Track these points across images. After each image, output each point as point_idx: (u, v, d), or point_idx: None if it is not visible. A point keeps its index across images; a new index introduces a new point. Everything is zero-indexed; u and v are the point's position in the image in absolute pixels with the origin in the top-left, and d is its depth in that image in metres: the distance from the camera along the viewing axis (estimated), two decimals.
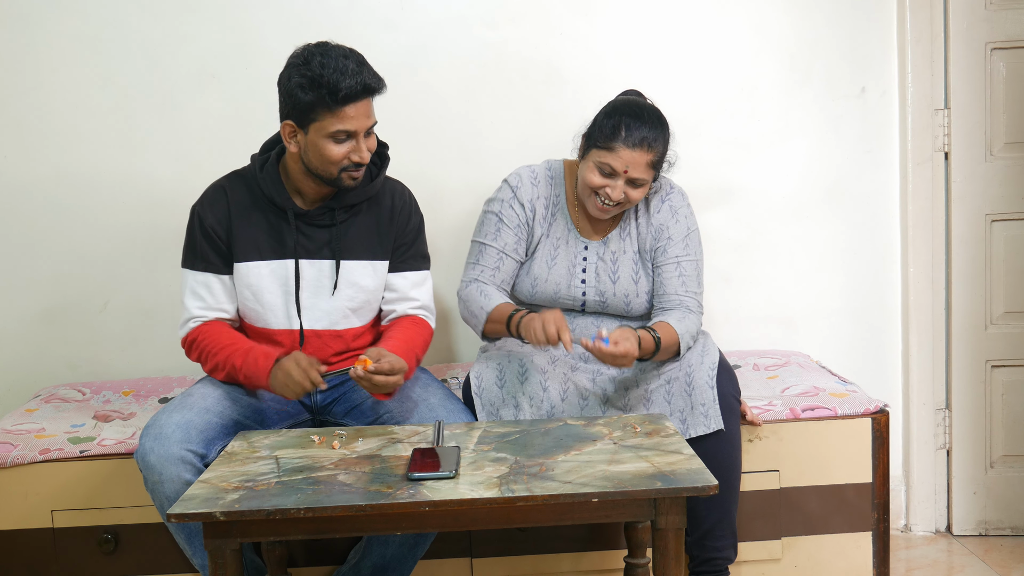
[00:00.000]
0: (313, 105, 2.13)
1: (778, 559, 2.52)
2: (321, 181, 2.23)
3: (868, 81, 2.95)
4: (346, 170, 2.20)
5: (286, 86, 2.16)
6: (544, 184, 2.47)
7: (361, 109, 2.15)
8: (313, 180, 2.25)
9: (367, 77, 2.14)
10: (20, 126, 2.85)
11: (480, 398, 2.32)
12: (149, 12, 2.83)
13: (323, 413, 2.40)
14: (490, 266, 2.43)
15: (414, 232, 2.38)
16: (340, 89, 2.10)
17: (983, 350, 2.93)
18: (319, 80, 2.11)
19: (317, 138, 2.16)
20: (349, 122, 2.14)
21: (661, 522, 1.82)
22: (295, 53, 2.18)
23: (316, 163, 2.19)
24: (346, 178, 2.21)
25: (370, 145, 2.21)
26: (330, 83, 2.10)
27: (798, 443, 2.49)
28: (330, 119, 2.13)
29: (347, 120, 2.14)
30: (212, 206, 2.30)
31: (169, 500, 2.06)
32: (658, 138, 2.31)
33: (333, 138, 2.15)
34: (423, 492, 1.78)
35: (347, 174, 2.20)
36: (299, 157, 2.22)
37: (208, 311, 2.30)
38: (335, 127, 2.14)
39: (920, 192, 2.93)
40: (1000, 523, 2.96)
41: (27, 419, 2.59)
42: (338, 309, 2.32)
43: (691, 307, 2.40)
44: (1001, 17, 2.83)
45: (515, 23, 2.89)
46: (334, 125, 2.14)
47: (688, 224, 2.45)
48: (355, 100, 2.13)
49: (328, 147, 2.16)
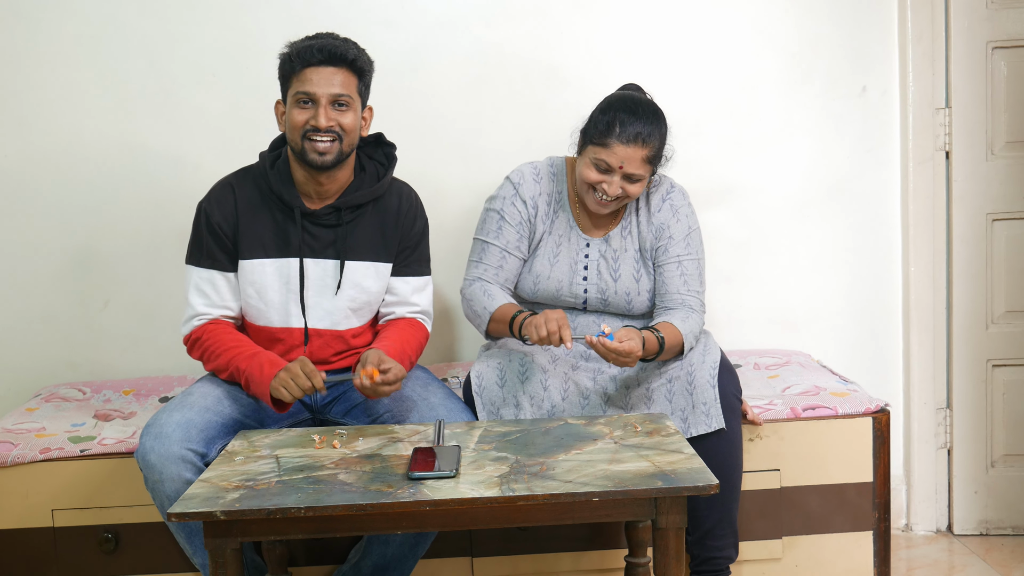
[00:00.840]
0: (285, 72, 2.22)
1: (779, 558, 2.52)
2: (300, 162, 2.24)
3: (869, 80, 2.95)
4: (307, 138, 2.19)
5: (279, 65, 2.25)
6: (546, 180, 2.47)
7: (323, 75, 2.19)
8: (305, 170, 2.25)
9: (337, 45, 2.20)
10: (21, 125, 2.85)
11: (481, 397, 2.32)
12: (149, 11, 2.83)
13: (323, 412, 2.40)
14: (493, 264, 2.43)
15: (418, 236, 2.38)
16: (304, 52, 2.19)
17: (984, 349, 2.93)
18: (293, 47, 2.21)
19: (289, 107, 2.22)
20: (308, 84, 2.18)
21: (662, 521, 1.81)
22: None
23: (288, 135, 2.24)
24: (309, 149, 2.20)
25: (341, 120, 2.20)
26: (296, 48, 2.21)
27: (799, 442, 2.48)
28: (295, 82, 2.21)
29: (307, 83, 2.19)
30: (219, 203, 2.29)
31: (169, 499, 2.06)
32: (653, 133, 2.31)
33: (298, 103, 2.20)
34: (424, 491, 1.78)
35: (309, 144, 2.20)
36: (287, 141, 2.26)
37: (212, 308, 2.30)
38: (296, 89, 2.20)
39: (921, 191, 2.92)
40: (1001, 523, 2.96)
41: (27, 418, 2.59)
42: (340, 309, 2.31)
43: (694, 306, 2.40)
44: (1002, 16, 2.83)
45: (516, 22, 2.89)
46: (295, 87, 2.20)
47: (689, 223, 2.45)
48: (316, 64, 2.19)
49: (293, 113, 2.21)
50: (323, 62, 2.18)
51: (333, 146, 2.21)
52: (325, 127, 2.18)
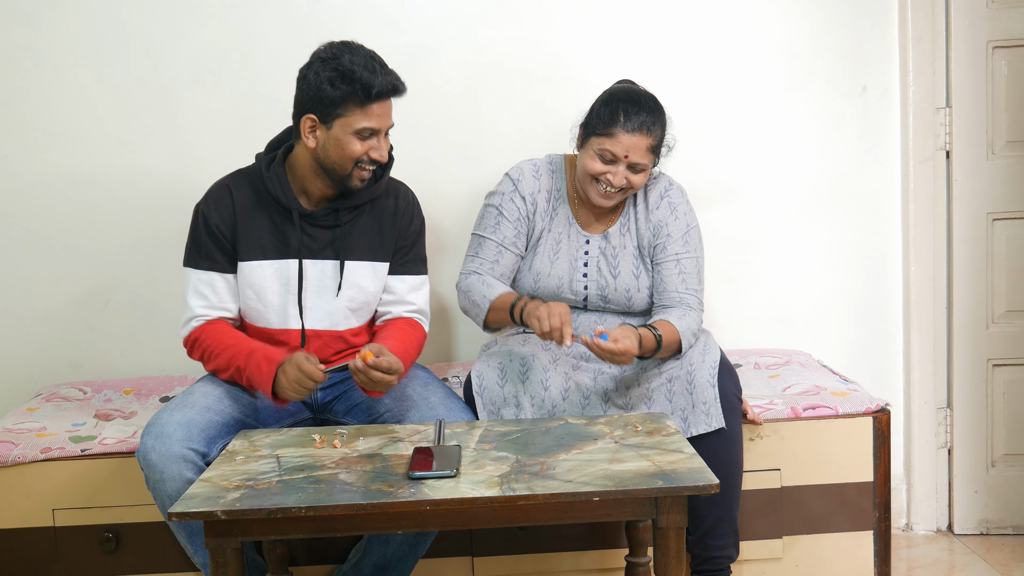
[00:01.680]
0: (341, 99, 2.16)
1: (779, 558, 2.52)
2: (330, 179, 2.24)
3: (869, 80, 2.95)
4: (360, 165, 2.22)
5: (312, 80, 2.17)
6: (546, 177, 2.47)
7: (386, 108, 2.21)
8: (321, 178, 2.25)
9: (395, 78, 2.19)
10: (21, 125, 2.85)
11: (481, 397, 2.32)
12: (150, 11, 2.83)
13: (324, 412, 2.40)
14: (489, 259, 2.43)
15: (415, 235, 2.38)
16: (373, 86, 2.14)
17: (984, 349, 2.93)
18: (351, 76, 2.14)
19: (341, 133, 2.18)
20: (375, 119, 2.18)
21: (662, 521, 1.82)
22: (322, 48, 2.20)
23: (334, 158, 2.21)
24: (356, 176, 2.23)
25: (387, 145, 2.25)
26: (362, 79, 2.14)
27: (799, 442, 2.49)
28: (358, 115, 2.17)
29: (373, 117, 2.18)
30: (217, 205, 2.29)
31: (170, 499, 2.06)
32: (656, 122, 2.33)
33: (358, 134, 2.18)
34: (424, 491, 1.78)
35: (359, 171, 2.23)
36: (313, 153, 2.22)
37: (211, 310, 2.30)
38: (362, 123, 2.17)
39: (921, 191, 2.92)
40: (1001, 522, 2.96)
41: (28, 418, 2.59)
42: (339, 310, 2.32)
43: (692, 304, 2.40)
44: (1003, 16, 2.83)
45: (516, 22, 2.89)
46: (361, 121, 2.17)
47: (688, 221, 2.45)
48: (383, 98, 2.18)
49: (351, 142, 2.18)
50: (389, 95, 2.19)
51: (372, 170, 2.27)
52: (385, 161, 2.24)
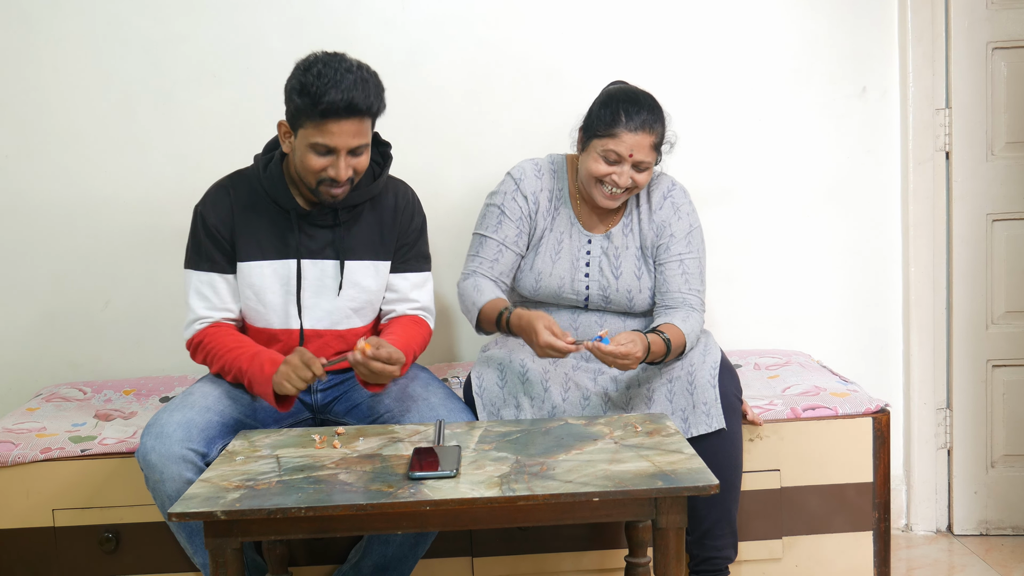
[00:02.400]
0: (300, 111, 2.11)
1: (779, 558, 2.52)
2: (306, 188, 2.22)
3: (869, 81, 2.95)
4: (323, 183, 2.17)
5: (286, 86, 2.16)
6: (548, 177, 2.48)
7: (345, 127, 2.10)
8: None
9: (357, 96, 2.07)
10: (21, 126, 2.85)
11: (481, 398, 2.32)
12: (150, 12, 2.83)
13: (324, 412, 2.40)
14: (488, 257, 2.43)
15: (416, 233, 2.38)
16: (321, 103, 2.05)
17: (984, 350, 2.93)
18: (308, 88, 2.07)
19: (301, 144, 2.15)
20: (329, 137, 2.10)
21: (662, 521, 1.82)
22: (305, 56, 2.15)
23: (299, 168, 2.19)
24: (324, 191, 2.18)
25: (357, 165, 2.16)
26: (315, 94, 2.06)
27: (799, 442, 2.49)
28: (312, 129, 2.11)
29: (327, 135, 2.10)
30: (215, 206, 2.29)
31: (170, 499, 2.06)
32: (657, 119, 2.33)
33: (313, 149, 2.13)
34: (424, 491, 1.78)
35: (325, 188, 2.17)
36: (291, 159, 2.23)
37: (214, 311, 2.30)
38: (315, 138, 2.11)
39: (921, 192, 2.92)
40: (1001, 523, 2.96)
41: (28, 418, 2.59)
42: (340, 309, 2.32)
43: (694, 305, 2.40)
44: (1002, 17, 2.83)
45: (516, 22, 2.89)
46: (314, 136, 2.11)
47: (691, 221, 2.45)
48: (337, 117, 2.08)
49: (308, 156, 2.14)
50: (345, 114, 2.08)
51: (346, 188, 2.20)
52: (344, 179, 2.15)
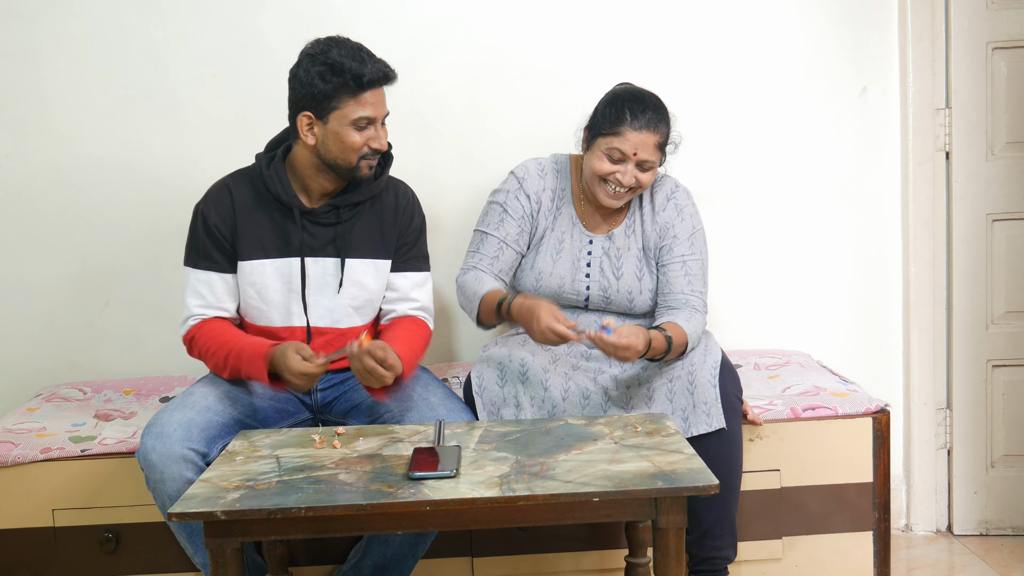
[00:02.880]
0: (334, 92, 2.17)
1: (779, 559, 2.52)
2: (336, 174, 2.25)
3: (869, 80, 2.95)
4: (364, 157, 2.23)
5: (303, 77, 2.18)
6: (551, 176, 2.48)
7: (379, 96, 2.22)
8: (325, 175, 2.26)
9: (384, 66, 2.21)
10: (22, 125, 2.85)
11: (481, 398, 2.32)
12: (150, 11, 2.83)
13: (324, 412, 2.40)
14: (489, 254, 2.44)
15: (416, 232, 2.39)
16: (363, 75, 2.16)
17: (984, 350, 2.93)
18: (340, 67, 2.16)
19: (339, 126, 2.19)
20: (369, 108, 2.19)
21: (662, 521, 1.82)
22: (309, 45, 2.22)
23: (336, 152, 2.21)
24: (364, 166, 2.25)
25: (385, 133, 2.26)
26: (352, 70, 2.16)
27: (799, 442, 2.49)
28: (352, 105, 2.18)
29: (367, 106, 2.19)
30: (216, 205, 2.30)
31: (170, 499, 2.06)
32: (662, 119, 2.34)
33: (355, 125, 2.19)
34: (424, 491, 1.78)
35: (365, 162, 2.24)
36: (314, 151, 2.23)
37: (208, 309, 2.30)
38: (357, 113, 2.18)
39: (921, 191, 2.92)
40: (1001, 523, 2.96)
41: (28, 418, 2.59)
42: (341, 307, 2.32)
43: (697, 307, 2.40)
44: (1002, 17, 2.83)
45: (516, 22, 2.89)
46: (356, 112, 2.18)
47: (694, 223, 2.46)
48: (375, 86, 2.19)
49: (349, 134, 2.20)
50: (379, 83, 2.20)
51: (377, 158, 2.28)
52: (385, 149, 2.25)
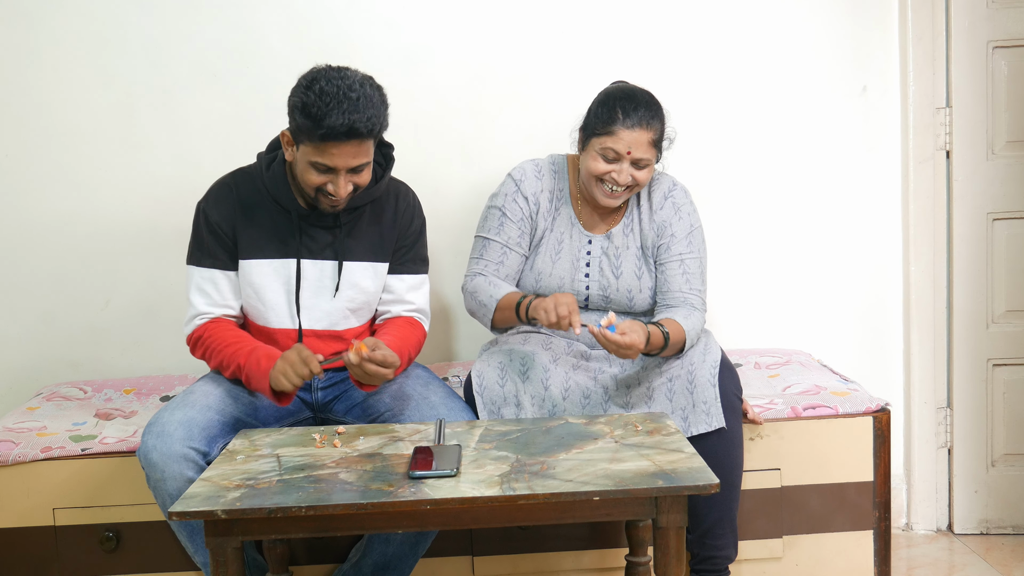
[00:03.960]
0: (301, 129, 2.11)
1: (779, 558, 2.52)
2: None
3: (870, 79, 2.95)
4: (321, 193, 2.17)
5: (290, 101, 2.14)
6: (548, 177, 2.48)
7: (345, 149, 2.10)
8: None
9: (358, 120, 2.06)
10: (22, 125, 2.85)
11: (482, 397, 2.32)
12: (151, 11, 2.83)
13: (324, 411, 2.40)
14: (494, 260, 2.44)
15: (415, 235, 2.39)
16: (322, 127, 2.05)
17: (984, 349, 2.93)
18: (309, 109, 2.06)
19: (302, 158, 2.15)
20: (329, 158, 2.10)
21: (662, 520, 1.82)
22: (311, 69, 2.14)
23: (300, 178, 2.19)
24: (323, 201, 2.19)
25: (357, 181, 2.17)
26: (316, 116, 2.05)
27: (799, 441, 2.49)
28: (311, 150, 2.11)
29: (327, 155, 2.10)
30: (218, 203, 2.30)
31: (171, 498, 2.06)
32: (655, 116, 2.33)
33: (313, 166, 2.14)
34: (424, 490, 1.78)
35: (323, 198, 2.18)
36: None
37: (214, 308, 2.30)
38: (314, 158, 2.12)
39: (921, 191, 2.92)
40: (1001, 522, 2.96)
41: (29, 417, 2.59)
42: (338, 310, 2.32)
43: (695, 304, 2.40)
44: (1003, 16, 2.83)
45: (516, 22, 2.89)
46: (314, 156, 2.12)
47: (691, 221, 2.46)
48: (336, 140, 2.08)
49: (308, 171, 2.15)
50: (344, 138, 2.07)
51: (346, 199, 2.20)
52: (343, 196, 2.16)
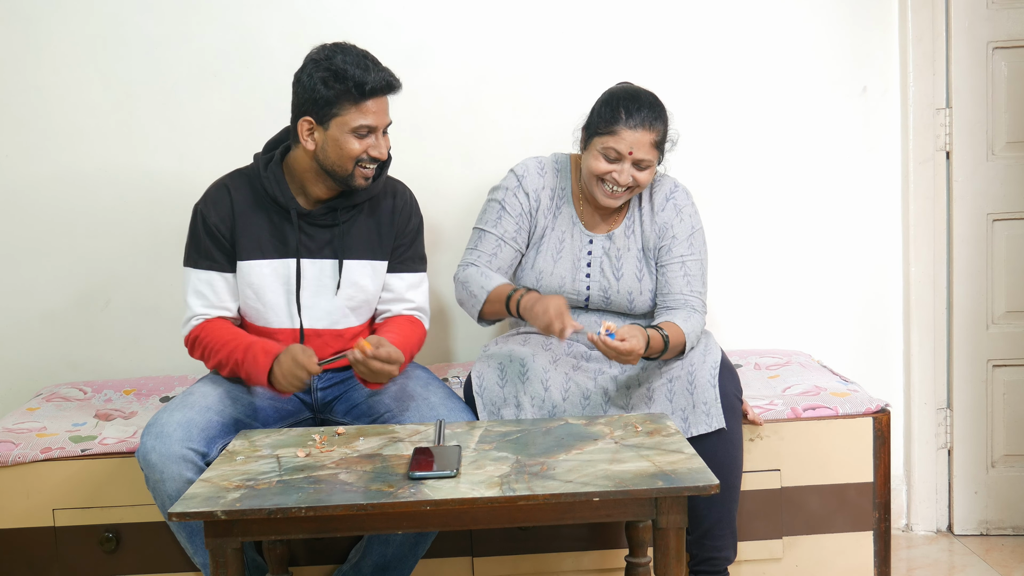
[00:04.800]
0: (336, 99, 2.16)
1: (779, 559, 2.52)
2: (333, 180, 2.24)
3: (869, 80, 2.95)
4: (361, 164, 2.22)
5: (306, 82, 2.18)
6: (551, 175, 2.48)
7: (382, 105, 2.21)
8: (323, 180, 2.25)
9: (388, 75, 2.20)
10: (22, 125, 2.85)
11: (481, 397, 2.32)
12: (151, 11, 2.83)
13: (324, 412, 2.40)
14: (487, 251, 2.44)
15: (413, 233, 2.39)
16: (366, 83, 2.15)
17: (984, 349, 2.93)
18: (343, 74, 2.15)
19: (338, 133, 2.18)
20: (371, 117, 2.18)
21: (662, 521, 1.82)
22: (314, 51, 2.21)
23: (334, 158, 2.21)
24: (359, 175, 2.23)
25: (388, 143, 2.25)
26: (355, 77, 2.15)
27: (799, 442, 2.49)
28: (354, 113, 2.17)
29: (369, 115, 2.18)
30: (215, 204, 2.30)
31: (171, 499, 2.06)
32: (658, 117, 2.34)
33: (355, 133, 2.19)
34: (424, 491, 1.78)
35: (360, 170, 2.23)
36: (313, 156, 2.23)
37: (210, 309, 2.30)
38: (358, 121, 2.18)
39: (921, 191, 2.92)
40: (1001, 523, 2.96)
41: (28, 418, 2.59)
42: (339, 309, 2.32)
43: (696, 307, 2.40)
44: (1003, 16, 2.83)
45: (517, 22, 2.89)
46: (357, 119, 2.18)
47: (693, 223, 2.45)
48: (377, 95, 2.18)
49: (348, 142, 2.19)
50: (382, 92, 2.19)
51: (375, 168, 2.26)
52: (386, 155, 2.23)
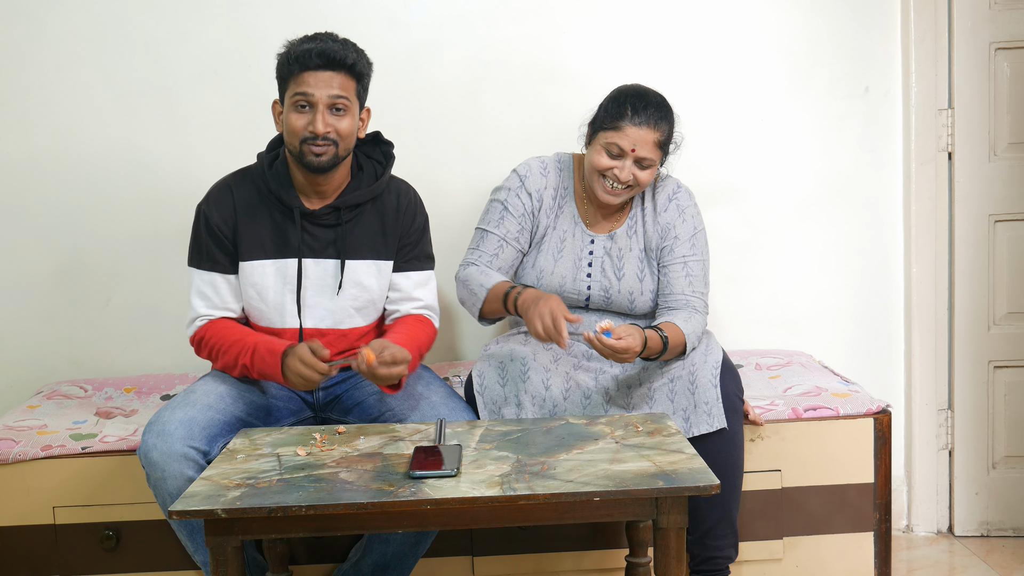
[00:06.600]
0: (283, 73, 2.21)
1: (779, 559, 2.52)
2: (300, 164, 2.24)
3: (871, 80, 2.95)
4: (306, 142, 2.19)
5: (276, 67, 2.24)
6: (553, 174, 2.48)
7: (322, 78, 2.17)
8: (300, 169, 2.26)
9: (335, 48, 2.17)
10: (23, 123, 2.85)
11: (482, 396, 2.32)
12: (153, 10, 2.83)
13: (325, 411, 2.40)
14: (489, 251, 2.44)
15: (419, 232, 2.39)
16: (302, 56, 2.16)
17: (986, 351, 2.92)
18: (291, 49, 2.19)
19: (287, 110, 2.21)
20: (305, 86, 2.17)
21: (663, 521, 1.82)
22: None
23: (287, 139, 2.23)
24: (307, 152, 2.20)
25: (338, 126, 2.20)
26: (294, 47, 2.19)
27: (800, 443, 2.49)
28: (292, 84, 2.19)
29: (303, 84, 2.17)
30: (218, 205, 2.30)
31: (171, 497, 2.06)
32: (664, 118, 2.34)
33: (295, 106, 2.19)
34: (425, 490, 1.78)
35: (307, 147, 2.20)
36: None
37: (214, 310, 2.31)
38: (293, 90, 2.19)
39: (923, 192, 2.92)
40: (1002, 524, 2.96)
41: (29, 415, 2.59)
42: (342, 309, 2.32)
43: (697, 307, 2.40)
44: (1005, 17, 2.83)
45: (518, 21, 2.89)
46: (293, 89, 2.19)
47: (695, 224, 2.45)
48: (312, 68, 2.16)
49: (291, 118, 2.20)
50: (321, 66, 2.17)
51: (329, 150, 2.21)
52: (323, 133, 2.18)
